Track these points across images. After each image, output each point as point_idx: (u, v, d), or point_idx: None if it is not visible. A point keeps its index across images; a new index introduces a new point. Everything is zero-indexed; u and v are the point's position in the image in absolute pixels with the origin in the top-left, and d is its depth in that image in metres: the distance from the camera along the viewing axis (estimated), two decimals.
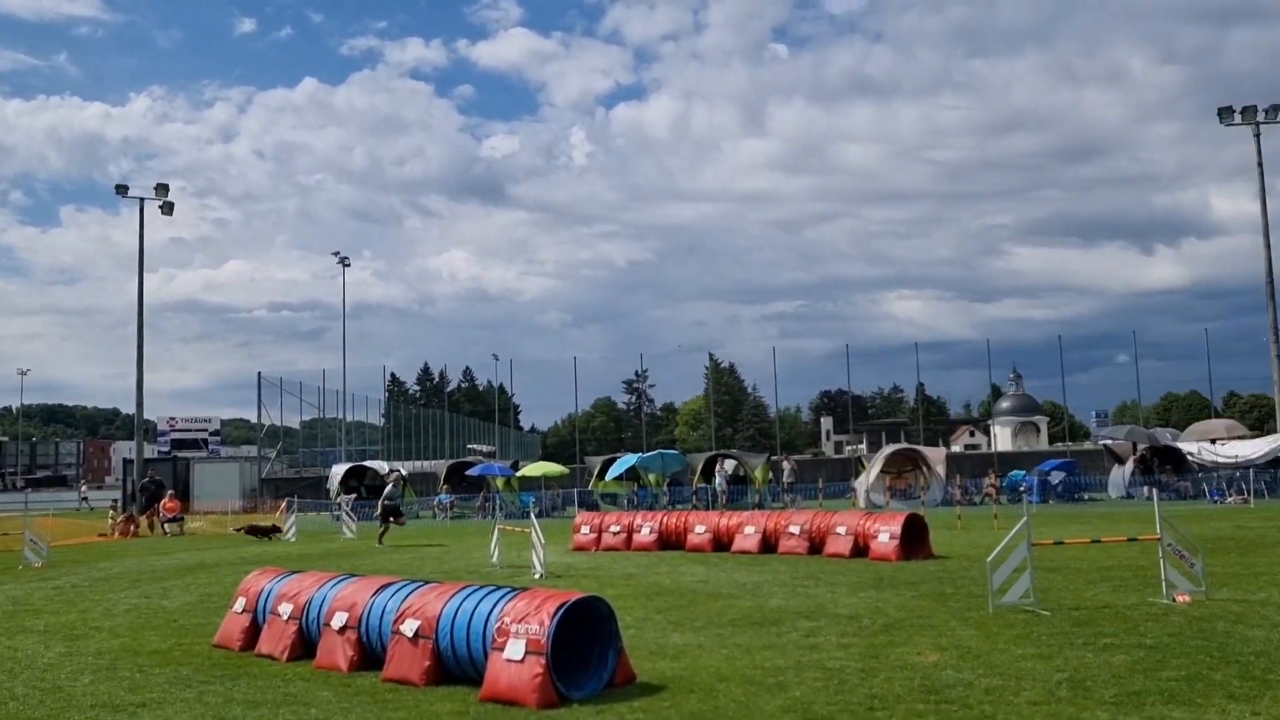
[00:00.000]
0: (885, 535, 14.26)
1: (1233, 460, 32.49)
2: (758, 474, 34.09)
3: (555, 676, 6.09)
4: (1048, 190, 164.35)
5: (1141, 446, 34.36)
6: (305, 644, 7.74)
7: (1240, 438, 36.89)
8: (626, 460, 34.60)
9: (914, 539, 14.52)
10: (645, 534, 17.35)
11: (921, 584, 11.49)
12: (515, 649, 6.17)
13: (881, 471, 32.96)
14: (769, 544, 15.88)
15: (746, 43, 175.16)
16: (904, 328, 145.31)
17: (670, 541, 17.17)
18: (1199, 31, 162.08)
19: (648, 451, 37.78)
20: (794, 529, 15.65)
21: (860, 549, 14.64)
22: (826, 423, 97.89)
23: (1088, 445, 51.99)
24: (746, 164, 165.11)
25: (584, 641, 6.61)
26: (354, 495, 32.71)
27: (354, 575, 8.36)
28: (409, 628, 6.85)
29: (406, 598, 7.14)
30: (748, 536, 16.08)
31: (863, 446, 73.01)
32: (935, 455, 34.92)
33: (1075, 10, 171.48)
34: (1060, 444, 62.05)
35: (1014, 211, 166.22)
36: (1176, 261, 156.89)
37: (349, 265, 54.46)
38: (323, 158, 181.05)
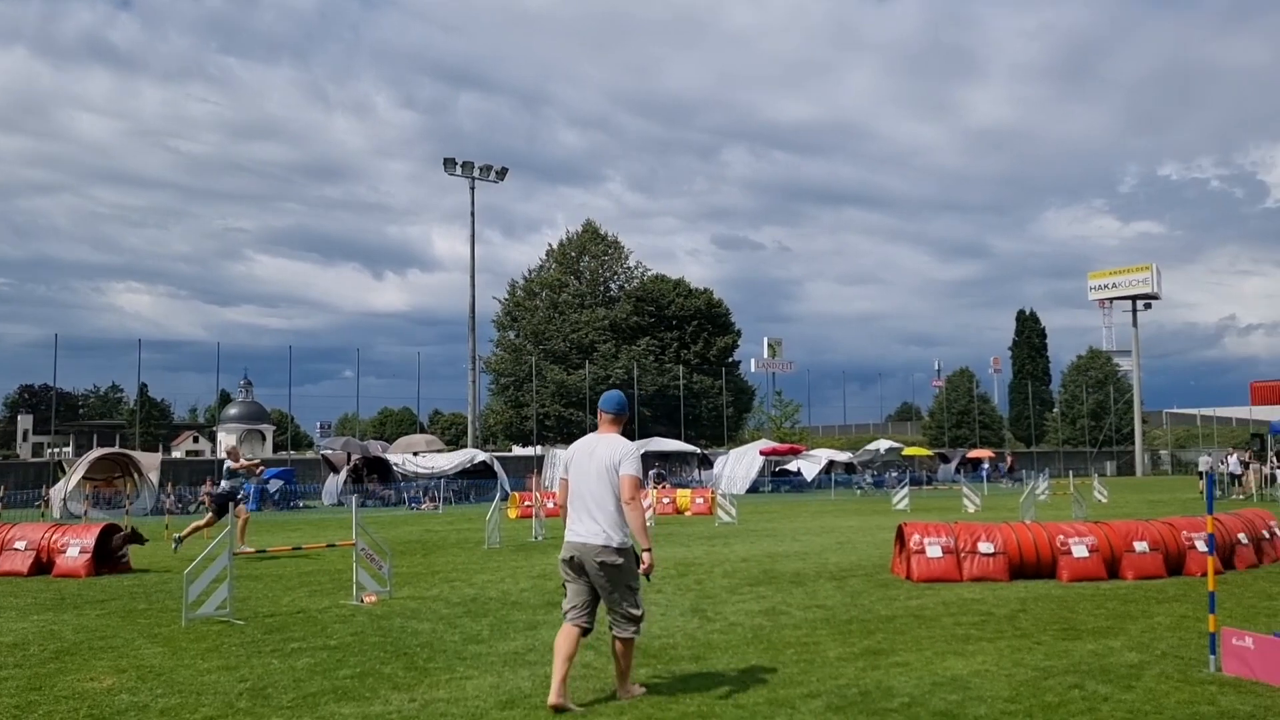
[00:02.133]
0: (75, 549, 12.83)
1: (430, 470, 36.57)
2: None
3: None
4: (290, 203, 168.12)
5: (355, 456, 36.70)
6: None
7: (439, 451, 41.74)
8: None
9: (111, 552, 13.32)
10: None
11: (111, 601, 10.56)
12: None
13: (85, 478, 29.81)
14: None
15: None
16: (129, 322, 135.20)
17: None
18: (435, 86, 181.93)
19: None
20: None
21: (44, 565, 12.95)
22: (25, 421, 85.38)
23: (310, 454, 53.82)
24: None
25: None
26: None
27: None
28: None
29: None
30: None
31: (69, 450, 65.29)
32: (149, 461, 32.77)
33: (330, 37, 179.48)
34: (284, 452, 63.21)
35: (256, 218, 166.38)
36: (401, 288, 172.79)
37: None
38: None
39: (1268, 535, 12.86)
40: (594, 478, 5.91)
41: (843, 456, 48.89)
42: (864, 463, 48.49)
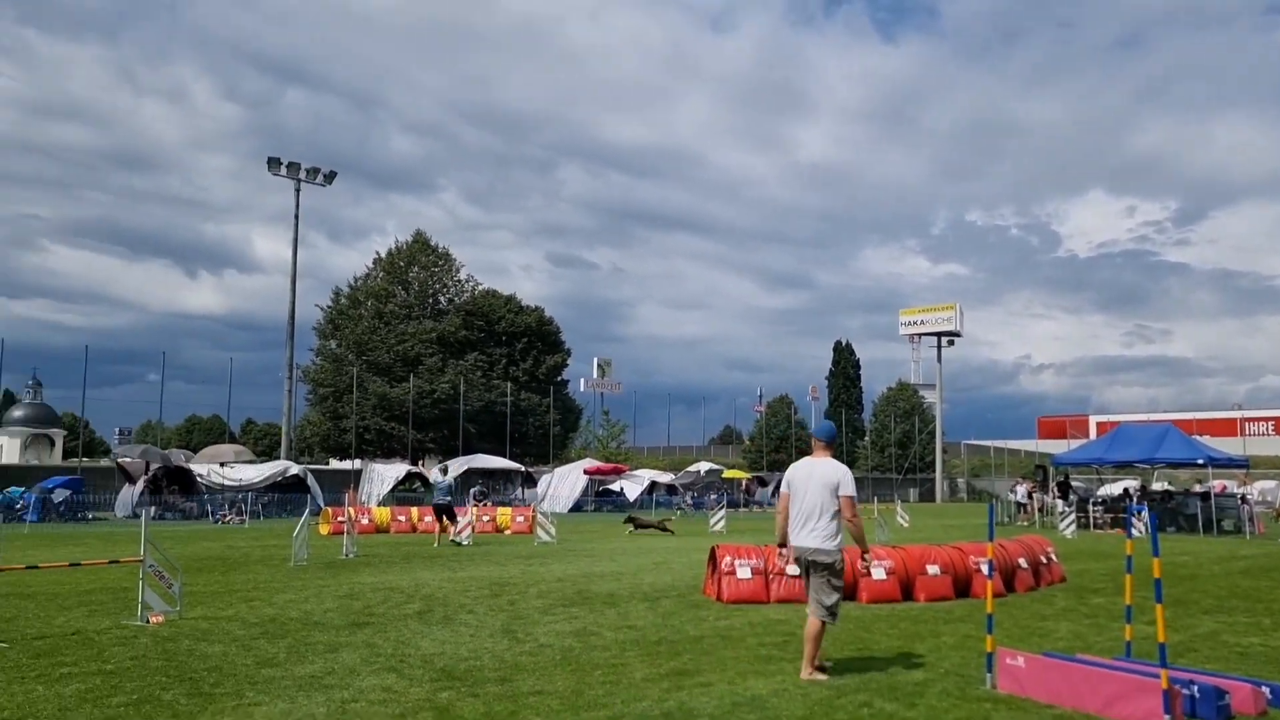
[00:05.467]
0: None
1: (237, 483, 34.73)
2: None
3: None
4: (94, 191, 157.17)
5: (154, 466, 34.44)
6: None
7: (248, 462, 39.68)
8: None
9: None
10: None
11: None
12: None
13: None
14: None
15: None
16: None
17: None
18: (260, 80, 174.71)
19: None
20: None
21: None
22: None
23: (105, 462, 50.20)
24: None
25: None
26: None
27: None
28: None
29: None
30: None
31: None
32: None
33: (144, 18, 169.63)
34: (75, 459, 58.64)
35: (55, 205, 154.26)
36: (217, 289, 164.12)
37: None
38: None
39: (1045, 560, 13.86)
40: (814, 494, 7.19)
41: (665, 477, 49.62)
42: (685, 484, 49.38)
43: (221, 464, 37.00)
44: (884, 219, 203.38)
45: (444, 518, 21.09)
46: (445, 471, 22.10)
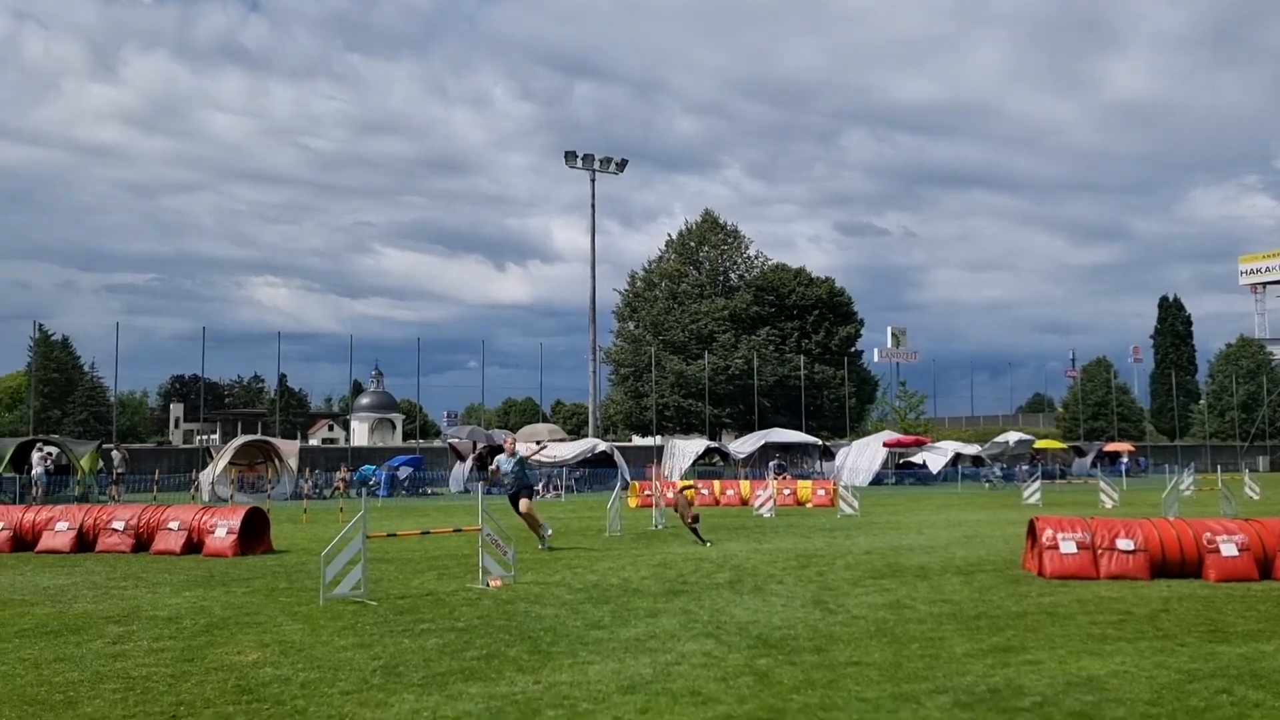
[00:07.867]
0: (223, 530, 13.58)
1: (552, 460, 37.15)
2: (84, 463, 30.28)
3: None
4: (415, 196, 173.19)
5: (480, 445, 37.60)
6: None
7: (560, 440, 42.35)
8: None
9: (254, 533, 14.06)
10: None
11: (255, 580, 11.14)
12: None
13: (231, 463, 31.48)
14: (86, 542, 14.15)
15: None
16: (268, 315, 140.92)
17: None
18: (551, 77, 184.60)
19: None
20: (118, 524, 14.13)
21: (195, 545, 13.75)
22: (177, 410, 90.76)
23: (437, 443, 55.46)
24: (92, 111, 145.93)
25: None
26: None
27: None
28: None
29: None
30: (59, 534, 14.14)
31: (215, 436, 69.02)
32: (288, 448, 34.34)
33: (448, 32, 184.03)
34: (413, 441, 65.34)
35: (383, 212, 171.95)
36: (523, 280, 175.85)
37: None
38: None
39: None
40: None
41: (970, 449, 47.45)
42: (992, 455, 46.96)
43: (537, 442, 39.73)
44: (1215, 156, 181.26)
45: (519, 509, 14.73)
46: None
